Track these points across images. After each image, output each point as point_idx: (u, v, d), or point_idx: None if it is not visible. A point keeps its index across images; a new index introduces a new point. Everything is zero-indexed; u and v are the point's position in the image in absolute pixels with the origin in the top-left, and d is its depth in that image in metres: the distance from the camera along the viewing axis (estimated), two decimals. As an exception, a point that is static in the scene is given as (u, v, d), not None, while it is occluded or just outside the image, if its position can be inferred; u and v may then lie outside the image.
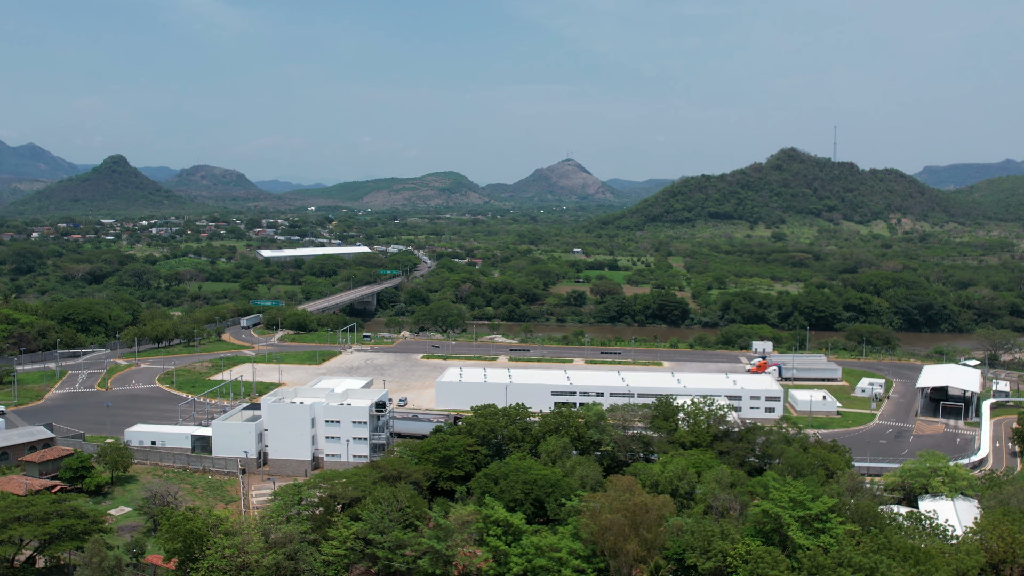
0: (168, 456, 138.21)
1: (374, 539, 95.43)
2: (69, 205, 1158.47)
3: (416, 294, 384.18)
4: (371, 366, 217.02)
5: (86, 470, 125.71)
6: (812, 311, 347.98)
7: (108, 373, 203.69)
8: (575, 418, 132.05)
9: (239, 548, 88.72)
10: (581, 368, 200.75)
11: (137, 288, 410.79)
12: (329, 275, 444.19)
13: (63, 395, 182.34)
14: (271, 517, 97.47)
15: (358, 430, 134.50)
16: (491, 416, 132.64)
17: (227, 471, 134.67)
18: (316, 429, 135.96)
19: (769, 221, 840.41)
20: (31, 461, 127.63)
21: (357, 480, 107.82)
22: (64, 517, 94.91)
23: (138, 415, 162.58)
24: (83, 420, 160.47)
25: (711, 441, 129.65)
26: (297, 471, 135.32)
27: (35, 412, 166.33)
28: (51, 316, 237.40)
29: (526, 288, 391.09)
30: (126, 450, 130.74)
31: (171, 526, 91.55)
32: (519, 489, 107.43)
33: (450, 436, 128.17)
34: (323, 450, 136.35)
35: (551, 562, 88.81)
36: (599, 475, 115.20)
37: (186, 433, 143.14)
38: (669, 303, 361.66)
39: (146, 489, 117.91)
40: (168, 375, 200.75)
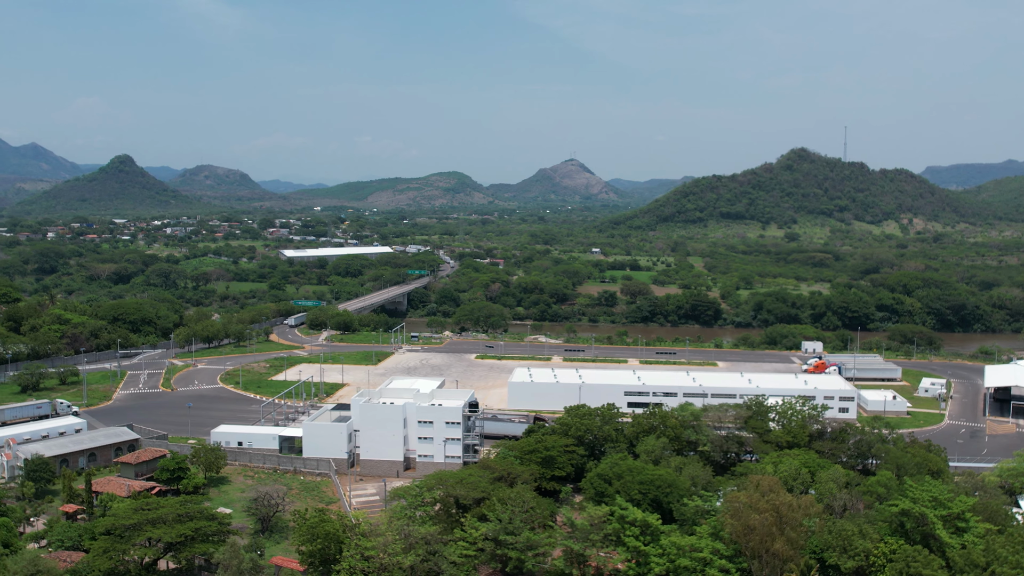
0: (257, 457, 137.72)
1: (505, 540, 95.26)
2: (77, 205, 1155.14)
3: (447, 294, 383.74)
4: (427, 366, 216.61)
5: (182, 471, 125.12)
6: (845, 311, 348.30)
7: (167, 373, 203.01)
8: (670, 418, 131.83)
9: (382, 549, 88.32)
10: (649, 368, 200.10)
11: (164, 288, 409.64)
12: (355, 275, 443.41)
13: (130, 396, 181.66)
14: (400, 518, 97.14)
15: (451, 431, 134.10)
16: (586, 416, 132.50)
17: (319, 472, 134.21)
18: (408, 430, 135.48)
19: (781, 221, 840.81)
20: (127, 462, 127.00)
21: (474, 481, 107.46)
22: (195, 519, 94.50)
23: (211, 416, 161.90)
24: (156, 420, 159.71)
25: (808, 441, 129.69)
26: (389, 472, 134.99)
27: (105, 413, 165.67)
28: (100, 316, 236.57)
29: (555, 288, 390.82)
30: (220, 451, 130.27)
31: (309, 527, 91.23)
32: (636, 489, 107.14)
33: (548, 436, 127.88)
34: (415, 451, 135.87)
35: (694, 562, 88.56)
36: (709, 475, 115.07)
37: (274, 434, 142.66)
38: (702, 303, 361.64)
39: (251, 490, 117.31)
40: (229, 375, 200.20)
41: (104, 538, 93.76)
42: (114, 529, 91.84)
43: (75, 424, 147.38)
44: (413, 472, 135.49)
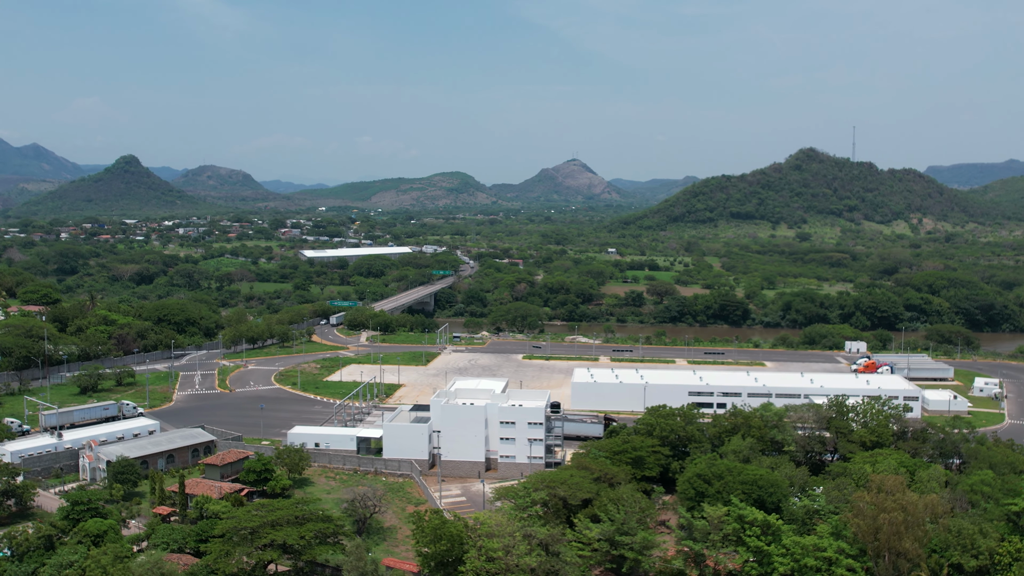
0: (337, 458, 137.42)
1: (620, 540, 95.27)
2: (83, 205, 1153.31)
3: (473, 294, 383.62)
4: (477, 366, 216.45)
5: (268, 473, 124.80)
6: (874, 311, 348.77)
7: (220, 374, 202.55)
8: (754, 418, 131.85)
9: (508, 550, 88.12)
10: (709, 369, 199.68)
11: (188, 289, 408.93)
12: (377, 275, 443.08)
13: (189, 397, 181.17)
14: (513, 519, 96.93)
15: (534, 431, 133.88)
16: (669, 416, 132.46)
17: (400, 473, 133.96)
18: (489, 430, 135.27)
19: (791, 221, 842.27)
20: (213, 464, 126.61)
21: (578, 482, 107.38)
22: (312, 521, 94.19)
23: (277, 417, 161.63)
24: (220, 422, 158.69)
25: (892, 441, 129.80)
26: (470, 473, 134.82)
27: (169, 414, 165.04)
28: (144, 317, 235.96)
29: (580, 288, 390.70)
30: (303, 453, 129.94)
31: (433, 529, 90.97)
32: (739, 489, 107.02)
33: (633, 437, 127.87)
34: (496, 451, 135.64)
35: (819, 561, 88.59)
36: (805, 475, 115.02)
37: (351, 435, 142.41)
38: (730, 303, 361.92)
39: (336, 491, 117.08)
40: (284, 376, 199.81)
41: (218, 541, 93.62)
42: (231, 531, 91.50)
43: (148, 426, 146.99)
44: (494, 473, 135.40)
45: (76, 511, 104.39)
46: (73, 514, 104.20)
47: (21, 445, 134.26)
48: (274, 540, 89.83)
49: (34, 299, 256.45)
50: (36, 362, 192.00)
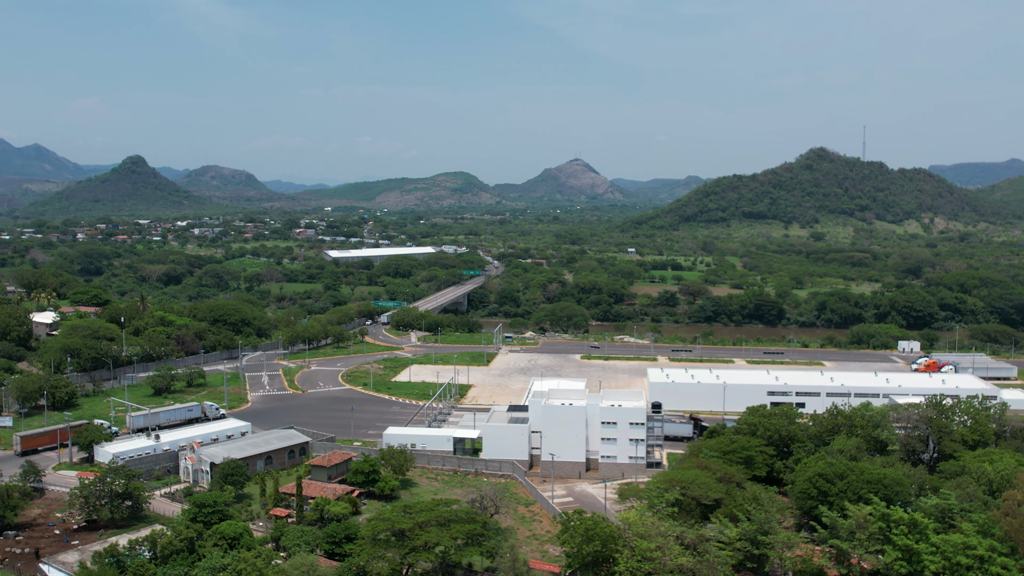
0: (436, 459, 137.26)
1: (762, 540, 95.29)
2: (90, 206, 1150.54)
3: (506, 294, 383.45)
4: (538, 367, 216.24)
5: (376, 474, 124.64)
6: (909, 311, 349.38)
7: (286, 375, 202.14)
8: (857, 417, 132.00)
9: (663, 550, 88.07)
10: (785, 369, 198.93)
11: (218, 289, 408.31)
12: (404, 276, 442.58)
13: (263, 397, 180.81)
14: (647, 518, 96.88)
15: (635, 431, 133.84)
16: (772, 416, 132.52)
17: (502, 473, 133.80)
18: (589, 431, 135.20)
19: (803, 221, 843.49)
20: (320, 465, 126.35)
21: (705, 482, 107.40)
22: (457, 523, 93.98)
23: (357, 417, 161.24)
24: (301, 422, 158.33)
25: (994, 439, 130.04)
26: (571, 473, 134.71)
27: (248, 415, 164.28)
28: (199, 318, 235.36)
29: (612, 288, 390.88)
30: (408, 454, 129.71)
31: (586, 529, 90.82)
32: (865, 489, 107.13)
33: (739, 437, 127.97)
34: (597, 451, 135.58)
35: (971, 560, 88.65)
36: (923, 474, 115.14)
37: (448, 436, 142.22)
38: (765, 303, 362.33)
39: (473, 491, 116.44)
40: (351, 376, 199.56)
41: (362, 542, 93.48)
42: (383, 534, 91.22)
43: (241, 427, 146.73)
44: (595, 473, 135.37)
45: (204, 513, 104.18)
46: (201, 516, 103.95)
47: (120, 447, 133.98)
48: (427, 542, 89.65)
49: (84, 300, 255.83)
50: (105, 363, 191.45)
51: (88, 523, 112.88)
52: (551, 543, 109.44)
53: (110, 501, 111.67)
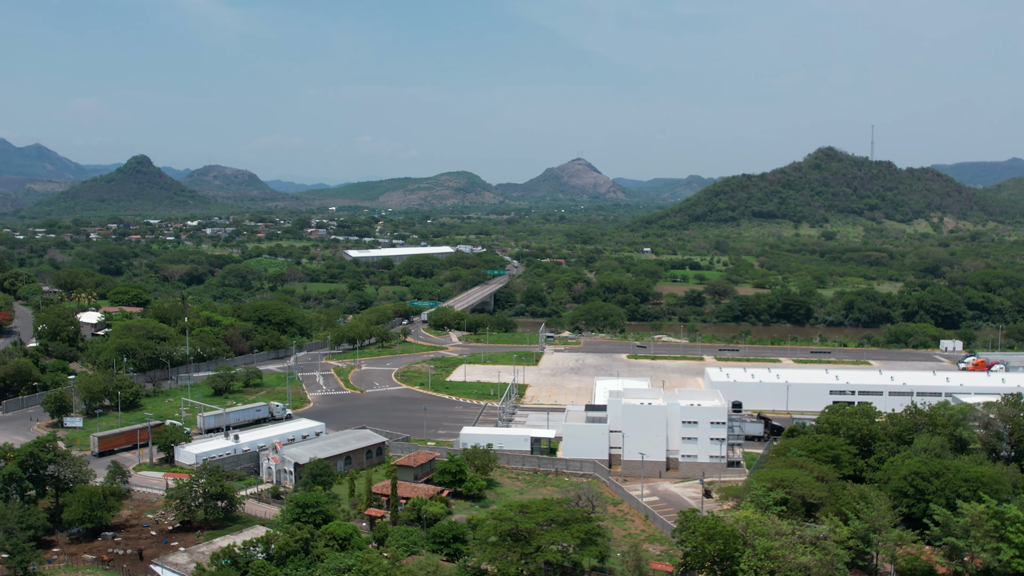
0: (515, 459, 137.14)
1: (875, 538, 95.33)
2: (96, 205, 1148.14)
3: (533, 294, 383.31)
4: (586, 366, 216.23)
5: (462, 474, 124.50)
6: (938, 310, 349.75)
7: (339, 374, 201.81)
8: (938, 416, 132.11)
9: (788, 548, 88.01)
10: (844, 368, 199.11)
11: (242, 288, 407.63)
12: (427, 275, 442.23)
13: (323, 397, 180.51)
14: (763, 517, 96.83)
15: (716, 430, 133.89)
16: (853, 415, 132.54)
17: (582, 473, 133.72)
18: (669, 430, 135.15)
19: (813, 220, 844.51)
20: (407, 465, 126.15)
21: (809, 481, 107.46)
22: (576, 522, 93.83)
23: (423, 417, 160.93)
24: (367, 422, 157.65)
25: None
26: (651, 472, 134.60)
27: (313, 415, 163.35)
28: (244, 317, 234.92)
29: (637, 288, 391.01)
30: (492, 454, 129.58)
31: (708, 527, 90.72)
32: (963, 487, 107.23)
33: (824, 436, 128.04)
34: (677, 451, 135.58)
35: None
36: (1016, 472, 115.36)
37: (525, 435, 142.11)
38: (793, 303, 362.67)
39: (568, 490, 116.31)
40: (404, 376, 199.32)
41: (477, 542, 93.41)
42: (506, 534, 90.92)
43: (315, 427, 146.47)
44: (675, 472, 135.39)
45: (307, 514, 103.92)
46: (304, 517, 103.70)
47: (202, 448, 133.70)
48: (554, 541, 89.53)
49: (124, 300, 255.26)
50: (160, 363, 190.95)
51: (182, 524, 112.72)
52: (647, 542, 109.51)
53: (205, 502, 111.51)
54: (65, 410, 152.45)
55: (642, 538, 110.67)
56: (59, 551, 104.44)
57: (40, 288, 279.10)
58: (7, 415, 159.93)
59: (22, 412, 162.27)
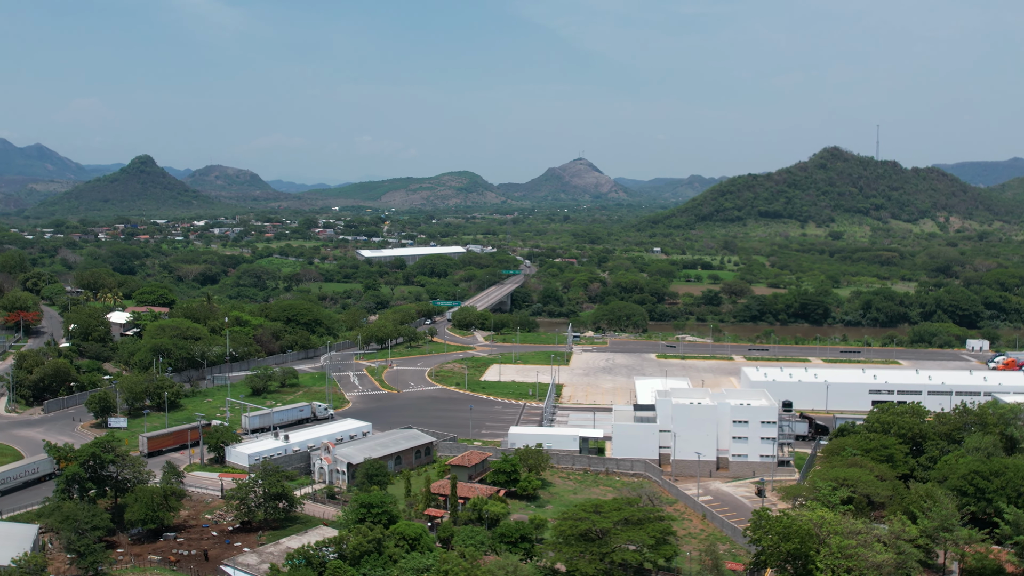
0: (565, 458, 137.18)
1: (945, 536, 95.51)
2: (100, 205, 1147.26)
3: (550, 294, 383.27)
4: (617, 366, 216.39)
5: (516, 474, 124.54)
6: (955, 309, 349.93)
7: (372, 374, 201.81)
8: (987, 415, 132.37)
9: (866, 546, 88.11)
10: (882, 368, 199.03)
11: (257, 288, 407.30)
12: (440, 275, 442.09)
13: (360, 397, 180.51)
14: (835, 516, 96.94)
15: (767, 430, 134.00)
16: (904, 414, 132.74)
17: (633, 473, 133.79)
18: (720, 429, 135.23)
19: (819, 220, 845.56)
20: (461, 465, 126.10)
21: (872, 480, 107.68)
22: (649, 522, 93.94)
23: (464, 417, 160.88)
24: (408, 421, 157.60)
25: None
26: (701, 472, 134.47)
27: (352, 415, 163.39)
28: (272, 317, 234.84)
29: (654, 287, 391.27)
30: (545, 454, 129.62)
31: (784, 526, 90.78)
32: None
33: (876, 435, 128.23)
34: (728, 450, 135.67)
35: None
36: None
37: (573, 435, 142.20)
38: (811, 302, 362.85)
39: (627, 490, 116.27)
40: (437, 376, 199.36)
41: (551, 542, 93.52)
42: (588, 534, 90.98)
43: (361, 427, 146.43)
44: (725, 472, 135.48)
45: (372, 514, 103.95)
46: (369, 517, 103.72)
47: (254, 448, 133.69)
48: (631, 540, 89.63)
49: (150, 300, 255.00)
50: (195, 363, 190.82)
51: (242, 524, 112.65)
52: (707, 541, 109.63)
53: (265, 502, 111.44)
54: (109, 410, 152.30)
55: (702, 536, 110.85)
56: (123, 551, 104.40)
57: (63, 288, 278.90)
58: (49, 415, 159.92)
59: (63, 412, 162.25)
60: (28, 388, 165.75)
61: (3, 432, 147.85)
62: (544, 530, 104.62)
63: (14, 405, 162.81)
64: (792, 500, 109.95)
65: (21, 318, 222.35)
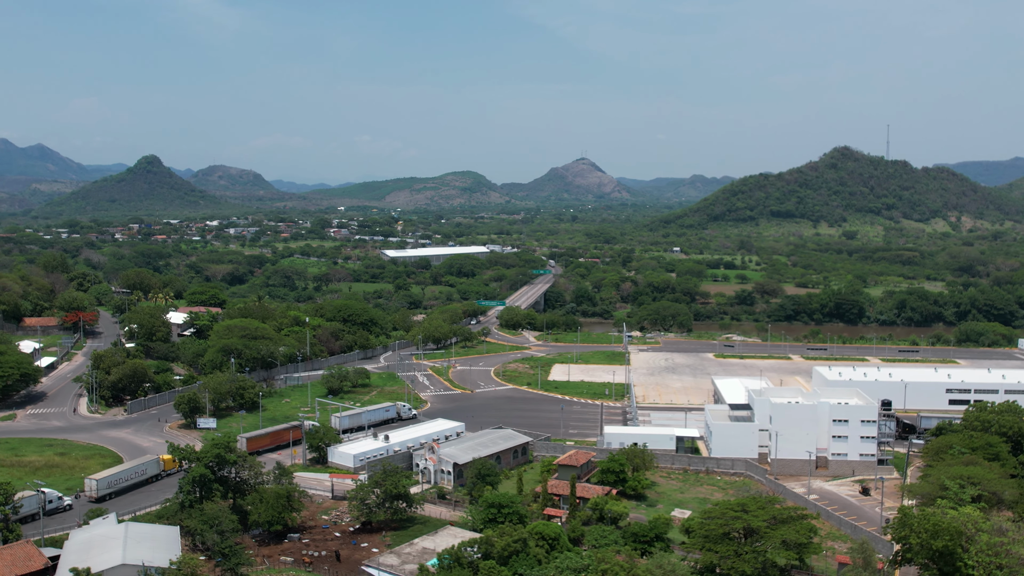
0: (664, 458, 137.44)
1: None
2: (107, 206, 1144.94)
3: (582, 294, 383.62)
4: (679, 365, 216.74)
5: (624, 473, 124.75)
6: (991, 309, 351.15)
7: (438, 374, 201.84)
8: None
9: (1018, 544, 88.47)
10: (954, 367, 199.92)
11: (288, 288, 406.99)
12: (468, 275, 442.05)
13: (437, 397, 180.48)
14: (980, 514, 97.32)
15: (866, 429, 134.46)
16: (1003, 413, 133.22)
17: (734, 472, 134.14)
18: (819, 428, 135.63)
19: (831, 220, 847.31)
20: (568, 465, 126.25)
21: (996, 478, 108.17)
22: (795, 520, 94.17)
23: (546, 417, 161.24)
24: (492, 421, 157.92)
25: None
26: (801, 471, 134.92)
27: (434, 415, 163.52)
28: (326, 317, 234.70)
29: (685, 287, 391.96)
30: (650, 453, 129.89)
31: (933, 524, 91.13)
32: None
33: (978, 434, 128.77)
34: (826, 449, 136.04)
35: None
36: None
37: (670, 434, 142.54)
38: (845, 302, 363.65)
39: (743, 490, 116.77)
40: (503, 375, 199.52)
41: (695, 540, 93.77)
42: (726, 532, 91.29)
43: (455, 427, 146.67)
44: (824, 471, 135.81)
45: (503, 514, 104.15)
46: (499, 517, 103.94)
47: (359, 448, 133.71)
48: (786, 539, 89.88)
49: (202, 300, 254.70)
50: (263, 363, 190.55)
51: (362, 525, 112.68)
52: (828, 539, 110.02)
53: (386, 503, 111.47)
54: (197, 411, 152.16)
55: (823, 534, 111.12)
56: (252, 552, 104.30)
57: (110, 288, 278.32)
58: (132, 416, 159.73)
59: (145, 413, 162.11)
60: (107, 389, 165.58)
61: (93, 433, 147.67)
62: (669, 529, 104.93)
63: (96, 406, 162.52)
64: (917, 498, 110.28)
65: (80, 319, 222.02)
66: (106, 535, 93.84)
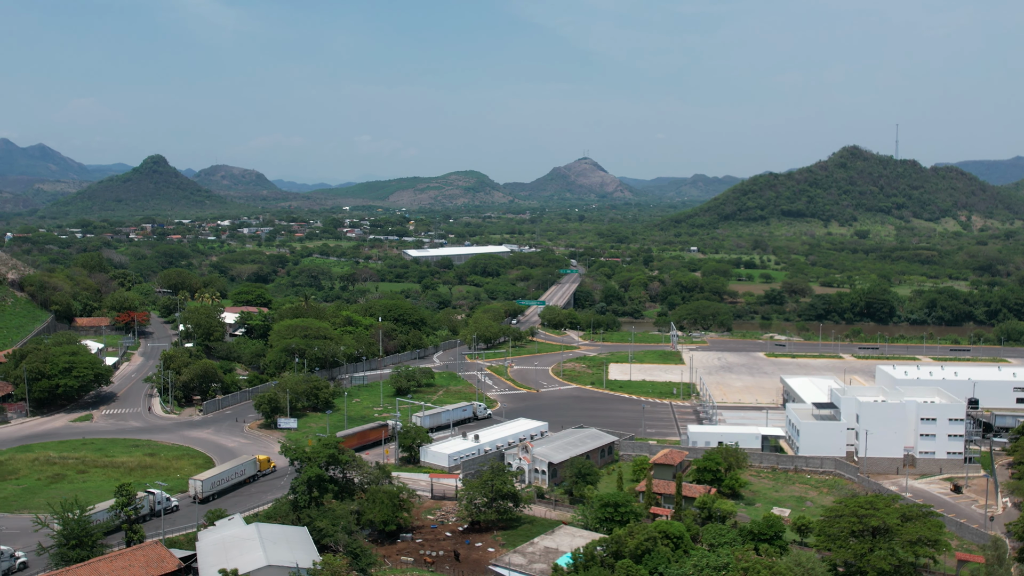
0: (751, 456, 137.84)
1: None
2: (113, 205, 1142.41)
3: (612, 293, 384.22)
4: (734, 365, 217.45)
5: (720, 472, 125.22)
6: (1022, 307, 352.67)
7: (497, 373, 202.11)
8: None
9: None
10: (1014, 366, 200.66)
11: (314, 288, 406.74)
12: (493, 275, 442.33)
13: (505, 397, 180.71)
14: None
15: (954, 427, 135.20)
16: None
17: (823, 470, 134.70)
18: (907, 426, 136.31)
19: (842, 219, 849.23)
20: (665, 464, 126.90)
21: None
22: (918, 518, 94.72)
23: (619, 416, 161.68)
24: (562, 420, 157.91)
25: None
26: (888, 469, 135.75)
27: (500, 415, 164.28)
28: (378, 317, 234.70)
29: (713, 287, 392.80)
30: (742, 452, 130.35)
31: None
32: None
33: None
34: (913, 447, 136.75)
35: None
36: None
37: (756, 433, 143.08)
38: (876, 301, 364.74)
39: (836, 488, 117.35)
40: (563, 375, 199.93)
41: (823, 539, 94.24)
42: (856, 529, 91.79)
43: (539, 427, 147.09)
44: (912, 468, 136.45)
45: (619, 513, 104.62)
46: (616, 516, 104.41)
47: (453, 448, 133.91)
48: (921, 536, 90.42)
49: (247, 300, 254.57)
50: (326, 363, 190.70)
51: (470, 524, 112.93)
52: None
53: (493, 502, 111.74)
54: (278, 411, 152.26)
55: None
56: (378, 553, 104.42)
57: (153, 288, 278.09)
58: (208, 416, 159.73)
59: (220, 413, 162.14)
60: (178, 389, 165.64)
61: (175, 434, 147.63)
62: (784, 527, 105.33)
63: (170, 407, 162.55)
64: (1021, 497, 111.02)
65: (132, 319, 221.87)
66: (239, 536, 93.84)
